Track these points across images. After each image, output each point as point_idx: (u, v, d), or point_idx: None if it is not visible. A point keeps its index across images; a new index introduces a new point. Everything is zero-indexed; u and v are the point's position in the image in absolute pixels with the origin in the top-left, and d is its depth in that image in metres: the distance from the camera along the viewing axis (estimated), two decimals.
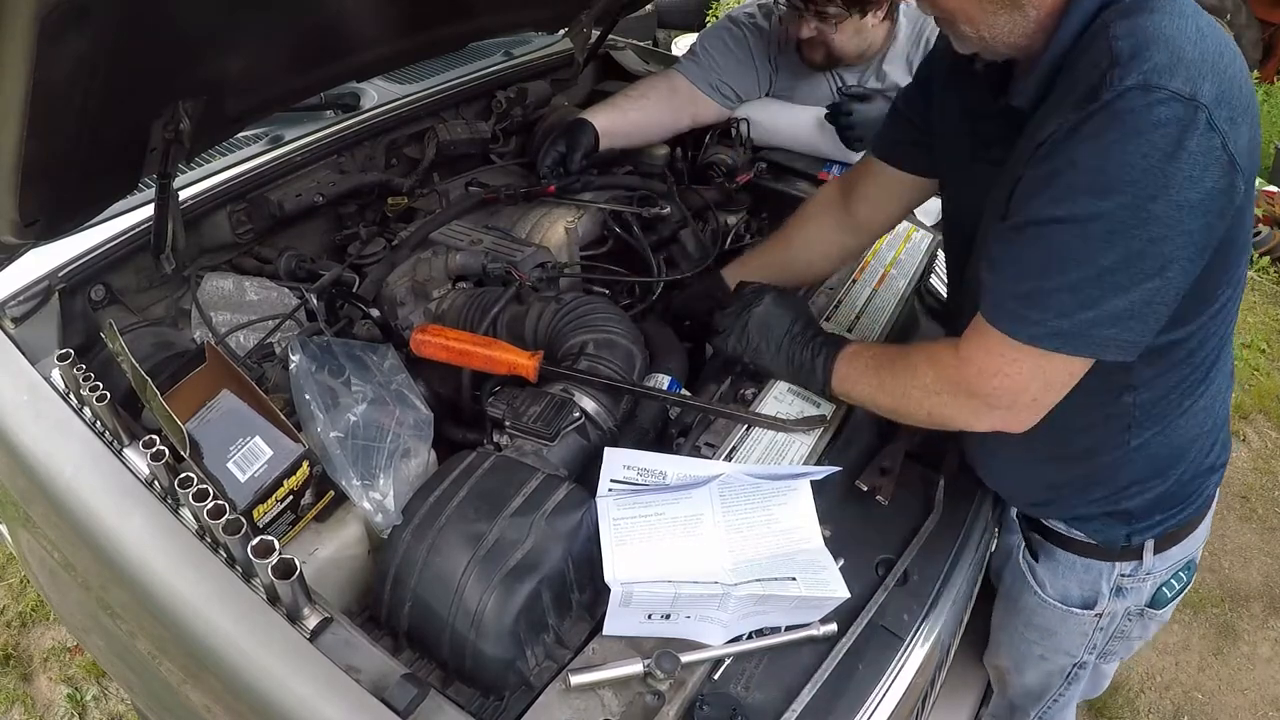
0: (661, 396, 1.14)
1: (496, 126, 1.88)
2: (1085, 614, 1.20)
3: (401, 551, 0.91)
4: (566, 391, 1.10)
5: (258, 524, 0.94)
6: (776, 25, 1.77)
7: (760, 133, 1.83)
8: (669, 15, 5.33)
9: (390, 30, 1.36)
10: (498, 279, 1.34)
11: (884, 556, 1.06)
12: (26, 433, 1.05)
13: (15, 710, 1.95)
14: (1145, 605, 1.19)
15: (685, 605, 0.88)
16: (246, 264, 1.50)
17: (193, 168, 1.47)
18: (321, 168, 1.61)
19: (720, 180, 1.76)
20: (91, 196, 1.11)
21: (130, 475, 0.97)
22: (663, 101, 1.76)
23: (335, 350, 1.13)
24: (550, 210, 1.58)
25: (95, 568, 1.01)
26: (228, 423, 0.98)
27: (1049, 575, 1.21)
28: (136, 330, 1.28)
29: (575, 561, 0.92)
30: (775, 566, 0.93)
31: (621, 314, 1.25)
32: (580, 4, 1.77)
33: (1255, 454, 2.83)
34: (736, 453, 1.09)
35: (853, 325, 1.37)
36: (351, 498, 0.99)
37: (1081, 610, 1.20)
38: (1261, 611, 2.34)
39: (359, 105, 1.75)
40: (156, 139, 1.05)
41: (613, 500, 0.95)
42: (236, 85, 1.12)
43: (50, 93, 0.79)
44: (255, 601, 0.85)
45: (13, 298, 1.18)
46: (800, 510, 0.99)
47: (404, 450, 1.04)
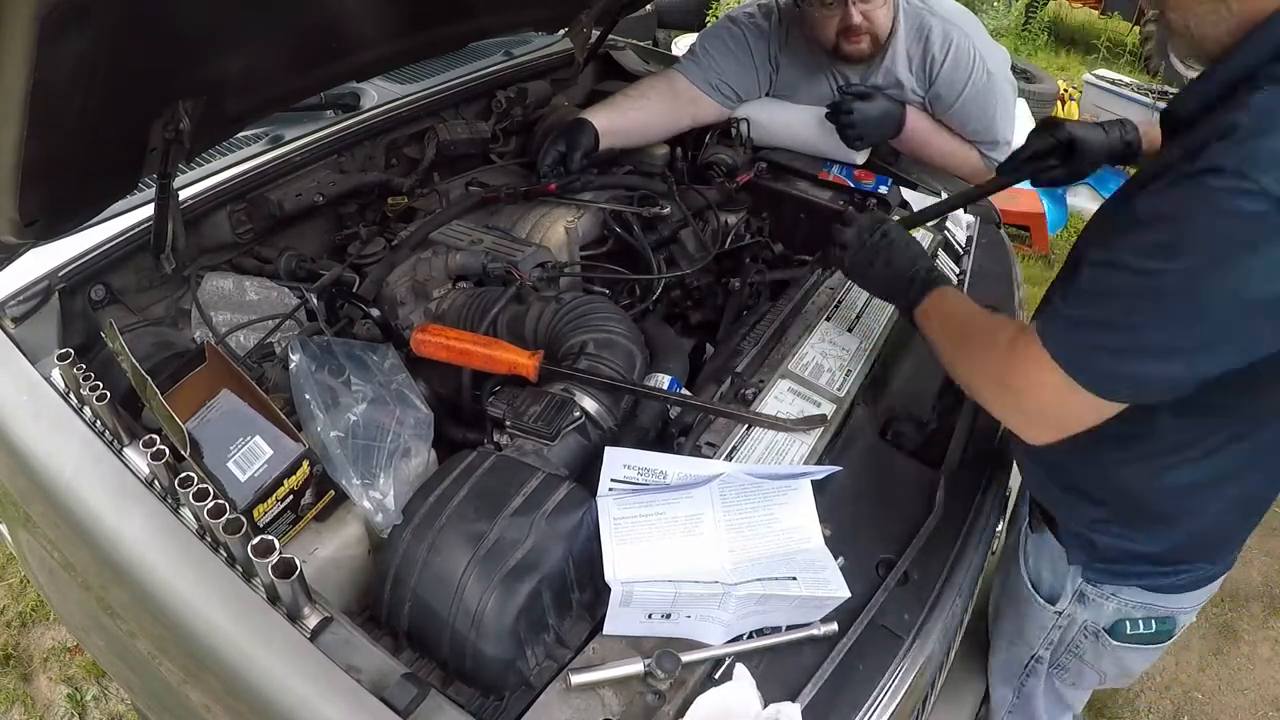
0: (662, 396, 1.14)
1: (496, 126, 1.88)
2: (1048, 607, 1.21)
3: (401, 551, 0.91)
4: (567, 391, 1.10)
5: (258, 524, 0.94)
6: (777, 24, 1.77)
7: (760, 133, 1.83)
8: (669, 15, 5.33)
9: (390, 30, 1.36)
10: (498, 279, 1.34)
11: (884, 556, 1.06)
12: (26, 432, 1.05)
13: (15, 710, 1.95)
14: (1103, 628, 1.18)
15: (686, 605, 0.88)
16: (246, 264, 1.50)
17: (193, 168, 1.47)
18: (321, 168, 1.61)
19: (720, 180, 1.76)
20: (91, 196, 1.11)
21: (130, 475, 0.97)
22: (663, 101, 1.76)
23: (335, 350, 1.13)
24: (550, 210, 1.58)
25: (95, 568, 1.01)
26: (228, 422, 0.98)
27: (1034, 551, 1.23)
28: (136, 330, 1.28)
29: (575, 561, 0.92)
30: (775, 566, 0.93)
31: (621, 314, 1.25)
32: (580, 4, 1.77)
33: None
34: (737, 452, 1.09)
35: (853, 325, 1.37)
36: (351, 497, 0.99)
37: (1045, 602, 1.21)
38: (1261, 611, 2.34)
39: (359, 105, 1.75)
40: (156, 139, 1.05)
41: (613, 500, 0.95)
42: (236, 85, 1.12)
43: (50, 93, 0.78)
44: (255, 601, 0.85)
45: (13, 298, 1.18)
46: (801, 510, 0.99)
47: (404, 450, 1.04)
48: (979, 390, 1.00)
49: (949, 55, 1.63)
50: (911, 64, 1.68)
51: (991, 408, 0.99)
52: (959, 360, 1.05)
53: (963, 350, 1.05)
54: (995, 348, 0.97)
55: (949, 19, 1.65)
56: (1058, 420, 0.93)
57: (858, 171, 1.73)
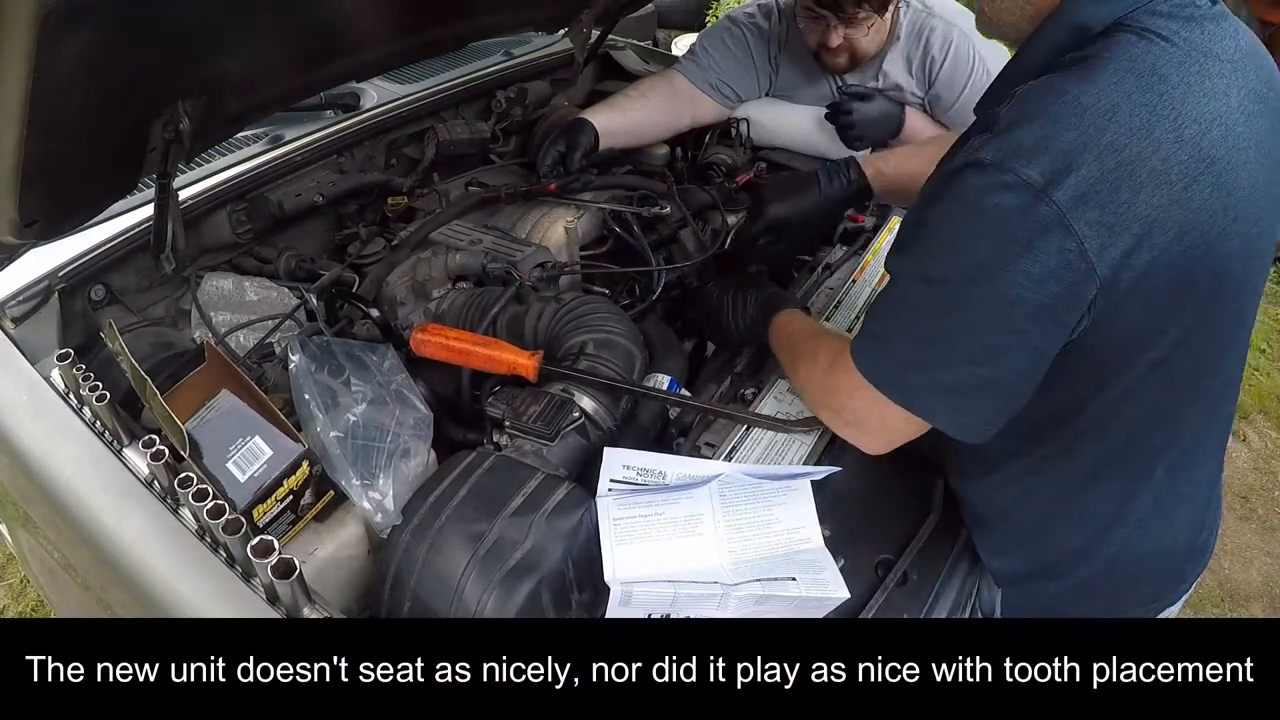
0: (661, 396, 1.14)
1: (496, 126, 1.88)
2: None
3: (401, 551, 0.91)
4: (566, 391, 1.10)
5: (257, 524, 0.94)
6: (777, 24, 1.77)
7: (760, 133, 1.83)
8: (669, 15, 5.32)
9: (390, 30, 1.36)
10: (498, 279, 1.34)
11: (884, 557, 1.06)
12: (26, 432, 1.05)
13: None
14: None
15: (685, 605, 0.88)
16: (246, 264, 1.50)
17: (193, 168, 1.47)
18: (321, 168, 1.61)
19: (720, 180, 1.76)
20: (91, 196, 1.11)
21: (130, 475, 0.97)
22: (663, 101, 1.76)
23: (335, 350, 1.13)
24: (550, 210, 1.58)
25: (95, 568, 1.01)
26: (227, 422, 0.98)
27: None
28: (136, 330, 1.28)
29: (575, 561, 0.92)
30: (775, 566, 0.93)
31: (621, 314, 1.25)
32: (580, 4, 1.77)
33: (1255, 454, 2.83)
34: (736, 453, 1.09)
35: (853, 325, 1.37)
36: (351, 498, 0.99)
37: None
38: (1261, 611, 2.34)
39: (359, 105, 1.75)
40: (156, 139, 1.05)
41: (613, 500, 0.95)
42: (236, 85, 1.12)
43: (50, 93, 0.78)
44: (255, 601, 0.85)
45: (13, 298, 1.18)
46: (800, 510, 0.99)
47: (404, 450, 1.03)
48: (812, 407, 1.03)
49: (948, 56, 1.63)
50: (911, 66, 1.68)
51: (826, 424, 1.00)
52: (795, 380, 1.07)
53: (793, 371, 1.06)
54: (817, 367, 0.98)
55: (949, 20, 1.65)
56: (882, 433, 0.92)
57: None
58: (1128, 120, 0.70)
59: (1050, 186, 0.68)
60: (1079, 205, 0.69)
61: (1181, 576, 1.08)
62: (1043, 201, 0.68)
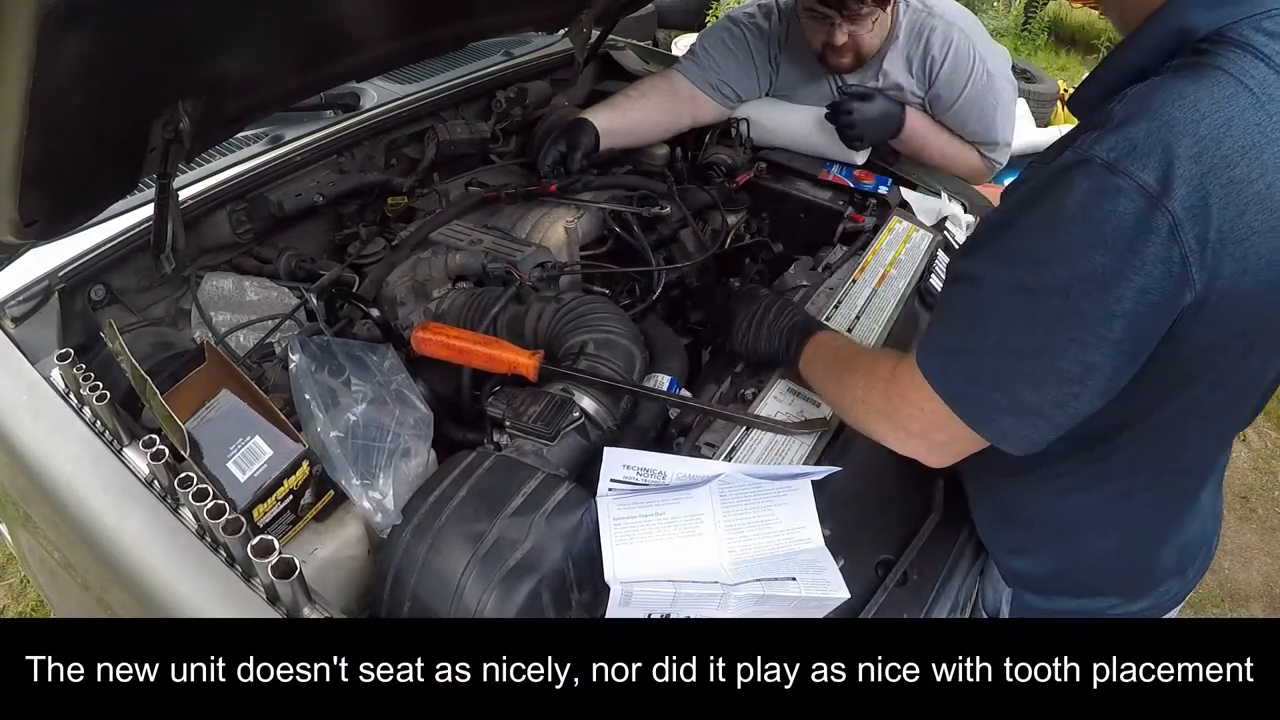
0: (661, 397, 1.14)
1: (496, 126, 1.87)
2: None
3: (401, 551, 0.91)
4: (566, 391, 1.10)
5: (258, 524, 0.94)
6: (777, 24, 1.77)
7: (760, 133, 1.83)
8: (669, 15, 5.33)
9: (390, 30, 1.36)
10: (498, 279, 1.34)
11: (884, 557, 1.06)
12: (26, 432, 1.05)
13: None
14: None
15: (685, 605, 0.88)
16: (246, 264, 1.50)
17: (193, 168, 1.47)
18: (321, 168, 1.61)
19: (720, 180, 1.76)
20: (91, 196, 1.11)
21: (130, 475, 0.97)
22: (663, 101, 1.76)
23: (335, 350, 1.13)
24: (550, 210, 1.58)
25: (95, 567, 1.01)
26: (228, 422, 0.98)
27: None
28: (136, 330, 1.28)
29: (575, 561, 0.92)
30: (775, 566, 0.93)
31: (621, 314, 1.25)
32: (580, 4, 1.77)
33: (1255, 454, 2.83)
34: (736, 453, 1.09)
35: (853, 325, 1.37)
36: (351, 497, 0.99)
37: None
38: (1261, 611, 2.34)
39: (359, 105, 1.75)
40: (156, 139, 1.05)
41: (613, 500, 0.95)
42: (236, 85, 1.12)
43: (50, 92, 0.78)
44: (255, 601, 0.85)
45: (13, 298, 1.18)
46: (800, 510, 0.99)
47: (404, 450, 1.03)
48: (868, 425, 0.95)
49: (949, 56, 1.63)
50: (911, 66, 1.68)
51: (885, 439, 0.93)
52: (844, 399, 1.00)
53: (846, 389, 0.99)
54: (876, 377, 0.93)
55: (949, 20, 1.65)
56: (951, 448, 0.87)
57: (858, 171, 1.73)
58: (1241, 137, 0.67)
59: (1165, 194, 0.66)
60: (1190, 216, 0.66)
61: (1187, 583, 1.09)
62: (1159, 209, 0.66)
